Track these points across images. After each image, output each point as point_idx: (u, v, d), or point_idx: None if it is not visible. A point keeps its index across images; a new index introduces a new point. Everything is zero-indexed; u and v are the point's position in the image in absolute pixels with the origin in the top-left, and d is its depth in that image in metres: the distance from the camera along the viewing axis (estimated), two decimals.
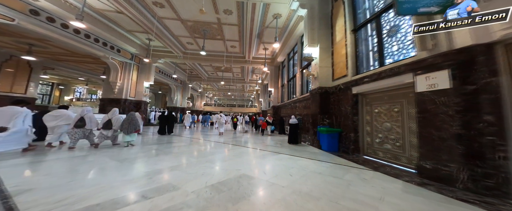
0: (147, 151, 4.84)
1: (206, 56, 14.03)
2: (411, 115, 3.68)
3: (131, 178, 2.75)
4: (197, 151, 5.08)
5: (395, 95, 4.04)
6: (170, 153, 4.66)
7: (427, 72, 3.11)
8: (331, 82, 6.09)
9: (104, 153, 4.41)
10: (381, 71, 4.04)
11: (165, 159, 4.01)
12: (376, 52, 4.67)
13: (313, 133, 6.42)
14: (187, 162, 3.87)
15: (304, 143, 7.24)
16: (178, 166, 3.54)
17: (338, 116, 5.60)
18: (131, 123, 5.19)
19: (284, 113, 12.22)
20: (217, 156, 4.48)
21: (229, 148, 5.63)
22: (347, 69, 5.21)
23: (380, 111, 4.38)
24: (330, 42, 6.37)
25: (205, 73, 20.14)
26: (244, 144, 6.69)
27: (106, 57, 10.55)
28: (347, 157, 4.59)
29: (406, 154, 3.79)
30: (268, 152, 5.22)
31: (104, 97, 11.26)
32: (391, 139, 4.06)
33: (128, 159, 3.88)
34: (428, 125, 3.08)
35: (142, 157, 4.11)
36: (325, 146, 5.45)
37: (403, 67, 3.55)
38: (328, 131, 5.37)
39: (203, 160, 4.04)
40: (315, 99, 6.36)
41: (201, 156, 4.42)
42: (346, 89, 5.21)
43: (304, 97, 8.44)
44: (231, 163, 3.84)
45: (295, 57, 11.51)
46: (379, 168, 3.65)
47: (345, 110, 5.23)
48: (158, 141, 6.78)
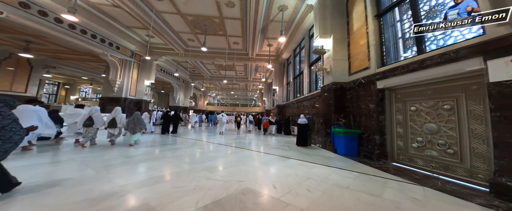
0: (136, 155, 4.16)
1: (208, 53, 13.38)
2: (474, 113, 2.81)
3: (94, 197, 2.01)
4: (194, 155, 4.36)
5: (446, 88, 3.15)
6: (162, 157, 3.96)
7: (508, 55, 2.21)
8: (347, 77, 5.27)
9: (90, 154, 3.80)
10: (424, 59, 3.19)
11: (154, 166, 3.30)
12: (410, 39, 3.83)
13: (325, 134, 5.62)
14: (178, 170, 3.14)
15: (314, 145, 6.44)
16: (165, 176, 2.82)
17: (357, 115, 4.79)
18: (136, 123, 5.24)
19: (290, 112, 11.42)
20: (216, 162, 3.74)
21: (231, 151, 4.90)
22: (369, 61, 4.39)
23: (419, 109, 3.54)
24: (345, 31, 5.56)
25: (207, 72, 19.53)
26: (248, 146, 5.95)
27: (104, 54, 10.01)
28: (373, 164, 3.77)
29: (465, 164, 2.92)
30: (275, 156, 4.46)
31: (104, 96, 10.74)
32: (439, 145, 3.20)
33: (109, 166, 3.19)
34: (511, 127, 2.21)
35: (126, 163, 3.42)
36: (342, 149, 4.65)
37: (465, 51, 2.66)
38: (346, 133, 4.56)
39: (199, 167, 3.31)
40: (328, 96, 5.56)
41: (198, 162, 3.69)
42: (368, 84, 4.39)
43: (313, 95, 7.63)
44: (232, 172, 3.09)
45: (302, 53, 10.70)
46: (425, 182, 2.82)
47: (366, 108, 4.41)
48: (155, 142, 6.12)
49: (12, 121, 1.98)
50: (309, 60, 9.11)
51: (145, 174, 2.90)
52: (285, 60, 13.59)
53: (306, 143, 6.22)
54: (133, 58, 11.65)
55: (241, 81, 21.59)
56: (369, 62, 4.38)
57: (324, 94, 5.83)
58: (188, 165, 3.44)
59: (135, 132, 5.18)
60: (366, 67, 4.49)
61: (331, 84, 5.35)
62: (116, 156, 3.95)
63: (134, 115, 5.41)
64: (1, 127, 1.86)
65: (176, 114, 9.19)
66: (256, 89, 27.39)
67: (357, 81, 4.75)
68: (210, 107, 29.21)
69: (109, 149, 4.51)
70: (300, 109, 9.59)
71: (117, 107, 5.44)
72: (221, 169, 3.28)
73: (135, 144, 5.23)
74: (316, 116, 7.00)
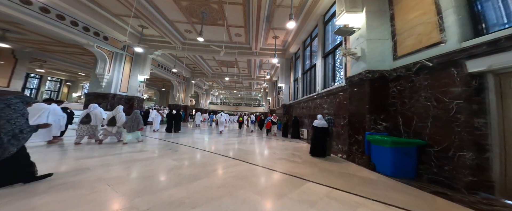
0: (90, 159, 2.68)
1: (208, 47, 11.90)
2: None
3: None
4: (170, 172, 2.84)
5: None
6: (106, 175, 2.45)
7: None
8: (390, 62, 3.62)
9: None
10: None
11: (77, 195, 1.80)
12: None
13: (353, 141, 4.01)
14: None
15: (334, 155, 4.81)
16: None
17: (412, 116, 3.14)
18: (135, 122, 5.09)
19: (298, 112, 9.79)
20: (187, 190, 2.16)
21: (225, 165, 3.34)
22: (443, 32, 2.73)
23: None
24: (385, 1, 3.91)
25: (209, 69, 18.08)
26: (246, 155, 4.38)
27: (90, 45, 8.65)
28: (463, 199, 2.16)
29: None
30: (285, 176, 2.90)
31: (90, 91, 9.42)
32: None
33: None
34: None
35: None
36: (386, 166, 3.02)
37: None
38: (396, 143, 2.92)
39: (143, 207, 1.77)
40: (359, 91, 3.94)
41: (157, 189, 2.15)
42: (443, 68, 2.74)
43: (330, 91, 5.99)
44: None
45: (313, 44, 9.06)
46: None
47: (438, 106, 2.77)
48: (129, 148, 4.63)
49: (20, 116, 1.98)
50: (323, 50, 7.47)
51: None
52: (293, 55, 11.96)
53: (324, 152, 4.60)
54: (125, 51, 10.28)
55: (244, 79, 20.06)
56: (443, 34, 2.72)
57: (352, 88, 4.20)
58: (128, 198, 1.88)
59: (133, 130, 5.03)
60: (436, 43, 2.80)
61: (365, 74, 3.72)
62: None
63: (133, 113, 5.23)
64: (7, 120, 1.88)
65: (178, 113, 8.97)
66: (260, 88, 25.83)
67: (416, 66, 3.08)
68: (212, 107, 27.85)
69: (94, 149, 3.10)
70: (311, 108, 7.97)
71: (119, 105, 5.33)
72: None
73: (137, 141, 5.27)
74: (336, 117, 5.37)
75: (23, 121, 1.99)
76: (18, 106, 1.97)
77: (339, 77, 6.26)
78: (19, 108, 1.97)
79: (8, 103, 1.93)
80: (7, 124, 1.85)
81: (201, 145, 5.58)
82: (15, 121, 1.91)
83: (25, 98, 2.15)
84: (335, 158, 4.55)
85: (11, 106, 1.93)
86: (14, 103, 1.96)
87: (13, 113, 1.91)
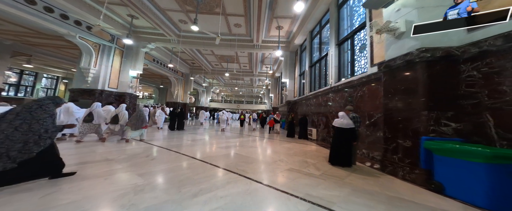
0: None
1: (204, 40, 10.72)
2: None
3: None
4: (118, 202, 1.72)
5: None
6: None
7: None
8: (462, 35, 2.42)
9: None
10: None
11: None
12: None
13: (394, 148, 2.87)
14: None
15: (361, 163, 3.67)
16: None
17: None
18: (139, 119, 5.02)
19: (305, 110, 8.64)
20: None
21: (214, 184, 2.19)
22: None
23: None
24: None
25: (208, 65, 16.90)
26: (247, 164, 3.25)
27: (71, 36, 7.50)
28: None
29: None
30: (308, 204, 1.77)
31: (74, 87, 8.33)
32: None
33: None
34: None
35: None
36: (477, 193, 1.84)
37: None
38: (500, 158, 1.75)
39: None
40: (405, 78, 2.77)
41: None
42: None
43: (350, 83, 4.82)
44: None
45: (323, 32, 7.85)
46: None
47: None
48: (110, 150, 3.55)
49: (48, 116, 2.04)
50: (337, 37, 6.26)
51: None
52: (298, 47, 10.73)
53: (349, 161, 3.46)
54: (114, 44, 9.13)
55: (245, 76, 18.86)
56: None
57: (391, 76, 3.03)
58: None
59: (137, 128, 4.96)
60: None
61: (418, 54, 2.54)
62: None
63: (137, 111, 5.21)
64: (37, 120, 1.94)
65: (181, 111, 8.92)
66: (262, 85, 24.64)
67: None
68: (213, 104, 26.77)
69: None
70: (321, 105, 6.81)
71: (122, 104, 5.28)
72: None
73: (140, 138, 5.20)
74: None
75: (50, 121, 2.05)
76: (48, 107, 2.06)
77: (359, 66, 5.08)
78: (49, 109, 2.05)
79: (40, 104, 2.02)
80: (36, 124, 1.92)
81: (192, 148, 4.45)
82: (43, 121, 1.97)
83: (56, 99, 2.24)
84: (364, 168, 3.41)
85: (43, 107, 2.01)
86: (46, 104, 2.05)
87: (43, 113, 1.98)
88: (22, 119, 1.85)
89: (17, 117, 1.84)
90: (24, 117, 1.87)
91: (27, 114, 1.89)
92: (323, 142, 6.33)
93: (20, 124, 1.83)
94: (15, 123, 1.82)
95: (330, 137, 5.92)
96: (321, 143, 6.33)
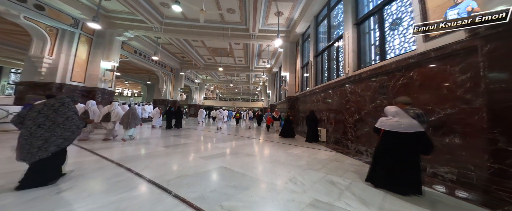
0: None
1: (193, 28, 9.06)
2: None
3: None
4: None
5: None
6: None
7: None
8: None
9: None
10: None
11: None
12: None
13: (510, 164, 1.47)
14: None
15: (432, 189, 2.24)
16: None
17: None
18: (131, 118, 4.72)
19: (307, 107, 7.22)
20: None
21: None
22: None
23: None
24: None
25: (200, 59, 15.18)
26: (241, 191, 1.76)
27: (14, 16, 5.69)
28: None
29: None
30: None
31: (23, 80, 6.53)
32: None
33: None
34: None
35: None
36: None
37: None
38: None
39: None
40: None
41: None
42: None
43: (383, 68, 3.40)
44: None
45: (332, 15, 6.39)
46: None
47: None
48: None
49: (74, 114, 2.12)
50: (355, 15, 4.81)
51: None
52: (300, 37, 9.25)
53: (417, 186, 2.07)
54: (79, 29, 7.31)
55: (241, 71, 17.26)
56: None
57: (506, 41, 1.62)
58: None
59: (130, 127, 4.70)
60: None
61: None
62: None
63: (129, 109, 4.88)
64: (66, 118, 2.01)
65: (178, 110, 8.79)
66: (258, 82, 23.11)
67: None
68: (207, 102, 25.06)
69: None
70: (332, 101, 5.41)
71: (114, 101, 5.04)
72: None
73: (129, 138, 4.87)
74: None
75: (77, 118, 2.12)
76: (70, 104, 2.12)
77: (392, 47, 3.66)
78: (71, 106, 2.12)
79: (62, 102, 2.06)
80: (66, 121, 1.99)
81: (165, 165, 2.89)
82: (72, 118, 2.05)
83: (73, 97, 2.33)
84: (440, 196, 2.00)
85: (65, 105, 2.06)
86: (67, 102, 2.10)
87: (68, 111, 2.04)
88: (53, 118, 1.90)
89: (56, 112, 1.94)
90: (49, 114, 1.91)
91: (51, 112, 1.92)
92: (336, 146, 4.94)
93: (53, 121, 1.89)
94: (47, 121, 1.87)
95: (347, 140, 4.51)
96: (333, 146, 4.95)
